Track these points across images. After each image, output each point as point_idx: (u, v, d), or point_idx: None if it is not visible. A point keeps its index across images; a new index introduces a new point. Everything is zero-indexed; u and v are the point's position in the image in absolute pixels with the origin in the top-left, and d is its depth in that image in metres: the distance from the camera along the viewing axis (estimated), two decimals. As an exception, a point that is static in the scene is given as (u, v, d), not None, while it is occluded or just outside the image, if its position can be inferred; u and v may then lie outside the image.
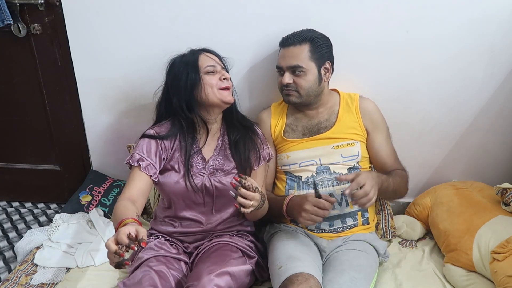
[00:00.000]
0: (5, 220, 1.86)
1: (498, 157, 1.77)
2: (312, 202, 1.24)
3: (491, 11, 1.47)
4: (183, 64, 1.33)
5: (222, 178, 1.35)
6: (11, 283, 1.36)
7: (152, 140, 1.31)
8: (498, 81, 1.60)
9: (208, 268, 1.19)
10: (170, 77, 1.36)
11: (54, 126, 1.84)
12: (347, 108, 1.47)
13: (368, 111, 1.47)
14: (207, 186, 1.33)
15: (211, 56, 1.35)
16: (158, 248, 1.33)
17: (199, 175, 1.35)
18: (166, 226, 1.40)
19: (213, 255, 1.28)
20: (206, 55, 1.34)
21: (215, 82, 1.31)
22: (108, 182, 1.84)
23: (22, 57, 1.71)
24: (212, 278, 1.15)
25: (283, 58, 1.40)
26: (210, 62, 1.33)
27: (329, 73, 1.44)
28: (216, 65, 1.33)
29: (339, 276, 1.20)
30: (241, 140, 1.38)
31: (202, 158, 1.37)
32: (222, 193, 1.34)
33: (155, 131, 1.34)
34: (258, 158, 1.40)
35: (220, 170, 1.37)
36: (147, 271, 1.21)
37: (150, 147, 1.30)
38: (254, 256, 1.35)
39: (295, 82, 1.39)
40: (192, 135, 1.36)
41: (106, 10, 1.56)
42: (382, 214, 1.63)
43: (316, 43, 1.38)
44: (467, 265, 1.37)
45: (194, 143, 1.36)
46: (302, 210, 1.24)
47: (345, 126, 1.44)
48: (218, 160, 1.38)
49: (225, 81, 1.33)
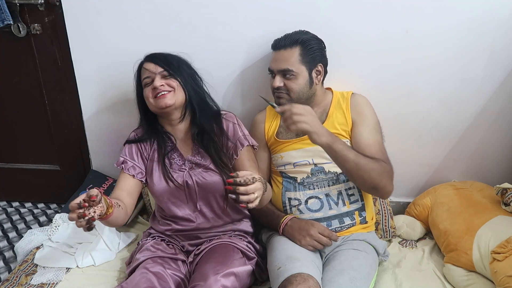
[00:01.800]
0: (5, 220, 1.86)
1: (498, 157, 1.77)
2: (319, 229, 1.32)
3: (490, 9, 1.47)
4: (135, 75, 1.41)
5: (203, 174, 1.36)
6: (11, 283, 1.36)
7: (133, 143, 1.42)
8: (498, 80, 1.60)
9: (214, 268, 1.20)
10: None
11: (54, 126, 1.84)
12: (338, 106, 1.46)
13: (357, 104, 1.45)
14: (188, 183, 1.36)
15: (147, 66, 1.35)
16: (154, 249, 1.35)
17: (179, 171, 1.37)
18: (163, 226, 1.43)
19: (216, 255, 1.28)
20: (144, 68, 1.37)
21: (150, 93, 1.34)
22: (108, 182, 1.84)
23: (22, 57, 1.71)
24: (219, 279, 1.16)
25: (274, 61, 1.40)
26: (145, 74, 1.35)
27: (321, 75, 1.43)
28: (150, 75, 1.34)
29: (339, 276, 1.20)
30: (205, 137, 1.38)
31: (180, 155, 1.40)
32: (204, 188, 1.36)
33: (135, 133, 1.45)
34: (235, 146, 1.38)
35: (199, 165, 1.38)
36: (144, 273, 1.23)
37: (131, 150, 1.41)
38: (253, 257, 1.36)
39: (285, 86, 1.39)
40: (164, 134, 1.41)
41: (106, 10, 1.56)
42: (382, 214, 1.63)
43: (307, 46, 1.37)
44: (467, 265, 1.37)
45: (169, 141, 1.41)
46: (308, 234, 1.32)
47: (334, 123, 1.43)
48: (195, 156, 1.39)
49: (155, 90, 1.32)
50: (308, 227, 1.33)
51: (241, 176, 1.05)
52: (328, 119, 1.44)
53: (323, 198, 1.40)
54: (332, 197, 1.40)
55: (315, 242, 1.32)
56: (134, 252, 1.42)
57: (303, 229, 1.34)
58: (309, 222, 1.36)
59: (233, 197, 1.05)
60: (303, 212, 1.41)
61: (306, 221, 1.37)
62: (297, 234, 1.35)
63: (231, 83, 1.65)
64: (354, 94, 1.49)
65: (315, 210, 1.40)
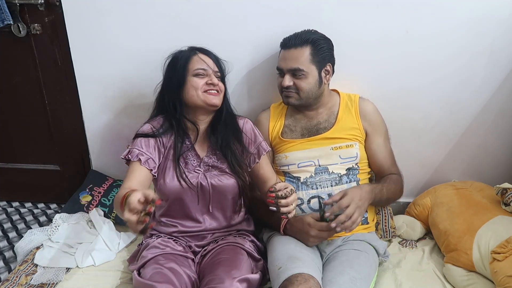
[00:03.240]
0: (5, 220, 1.86)
1: (498, 157, 1.77)
2: (316, 227, 1.31)
3: (490, 9, 1.47)
4: (176, 62, 1.34)
5: (219, 176, 1.35)
6: (11, 283, 1.36)
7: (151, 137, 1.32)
8: (498, 80, 1.60)
9: (229, 272, 1.19)
10: (165, 73, 1.38)
11: (54, 126, 1.84)
12: (346, 109, 1.47)
13: (367, 112, 1.47)
14: (203, 185, 1.33)
15: (204, 58, 1.33)
16: (163, 246, 1.32)
17: (194, 172, 1.35)
18: (166, 227, 1.40)
19: (226, 258, 1.27)
20: (199, 57, 1.33)
21: (201, 85, 1.31)
22: (108, 182, 1.84)
23: (22, 57, 1.71)
24: (235, 284, 1.15)
25: (284, 60, 1.40)
26: (201, 65, 1.32)
27: (330, 75, 1.44)
28: (207, 68, 1.32)
29: (339, 276, 1.20)
30: (227, 143, 1.37)
31: (196, 155, 1.37)
32: (218, 191, 1.34)
33: (152, 126, 1.35)
34: (257, 151, 1.40)
35: (215, 167, 1.37)
36: (159, 268, 1.20)
37: (148, 143, 1.31)
38: (259, 258, 1.36)
39: (295, 85, 1.39)
40: (183, 132, 1.36)
41: (106, 10, 1.56)
42: (382, 214, 1.63)
43: (318, 45, 1.37)
44: (467, 265, 1.37)
45: (187, 140, 1.37)
46: (310, 236, 1.32)
47: (344, 127, 1.44)
48: (211, 158, 1.38)
49: (211, 85, 1.32)
50: (307, 229, 1.32)
51: (278, 188, 1.16)
52: (337, 123, 1.45)
53: (325, 198, 1.40)
54: None
55: (317, 239, 1.33)
56: (137, 250, 1.39)
57: (303, 231, 1.34)
58: (305, 222, 1.33)
59: (274, 209, 1.16)
60: (305, 211, 1.41)
61: (302, 222, 1.34)
62: (300, 237, 1.35)
63: (234, 83, 1.65)
64: (362, 99, 1.50)
65: (317, 209, 1.40)
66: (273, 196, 1.15)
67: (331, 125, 1.45)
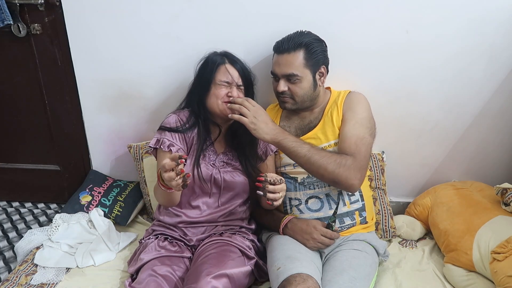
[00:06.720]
0: (5, 220, 1.86)
1: (498, 157, 1.77)
2: (321, 232, 1.33)
3: (490, 11, 1.47)
4: (206, 66, 1.38)
5: (232, 173, 1.40)
6: (11, 283, 1.36)
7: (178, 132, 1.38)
8: (498, 81, 1.60)
9: (206, 270, 1.19)
10: (196, 73, 1.42)
11: (54, 126, 1.84)
12: (334, 104, 1.45)
13: (349, 101, 1.43)
14: (215, 178, 1.37)
15: (231, 70, 1.35)
16: (159, 248, 1.34)
17: (210, 166, 1.39)
18: (171, 217, 1.42)
19: (212, 256, 1.28)
20: (227, 69, 1.35)
21: (222, 95, 1.33)
22: (108, 182, 1.84)
23: (22, 57, 1.70)
24: (210, 280, 1.15)
25: (278, 65, 1.39)
26: (226, 78, 1.34)
27: (324, 77, 1.43)
28: (231, 82, 1.35)
29: (339, 276, 1.20)
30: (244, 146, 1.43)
31: (214, 151, 1.42)
32: (229, 185, 1.39)
33: (179, 118, 1.40)
34: (265, 152, 1.46)
35: (229, 164, 1.42)
36: (153, 276, 1.22)
37: (175, 135, 1.37)
38: (253, 257, 1.36)
39: (290, 90, 1.39)
40: (206, 131, 1.40)
41: (106, 10, 1.56)
42: (382, 214, 1.63)
43: (311, 49, 1.35)
44: (467, 265, 1.37)
45: (209, 137, 1.41)
46: (311, 238, 1.33)
47: (329, 122, 1.42)
48: (227, 155, 1.44)
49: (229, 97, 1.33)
50: (311, 230, 1.34)
51: (270, 176, 1.19)
52: (323, 118, 1.44)
53: (323, 198, 1.40)
54: (333, 197, 1.40)
55: (319, 244, 1.33)
56: (136, 251, 1.40)
57: (306, 232, 1.34)
58: (311, 224, 1.36)
59: (261, 193, 1.20)
60: (303, 212, 1.41)
61: (307, 223, 1.36)
62: (300, 237, 1.35)
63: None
64: (351, 92, 1.48)
65: (315, 210, 1.40)
66: (262, 180, 1.19)
67: (318, 122, 1.45)
